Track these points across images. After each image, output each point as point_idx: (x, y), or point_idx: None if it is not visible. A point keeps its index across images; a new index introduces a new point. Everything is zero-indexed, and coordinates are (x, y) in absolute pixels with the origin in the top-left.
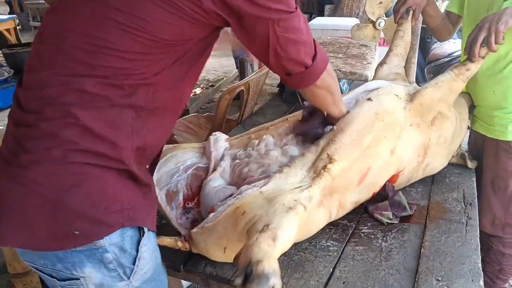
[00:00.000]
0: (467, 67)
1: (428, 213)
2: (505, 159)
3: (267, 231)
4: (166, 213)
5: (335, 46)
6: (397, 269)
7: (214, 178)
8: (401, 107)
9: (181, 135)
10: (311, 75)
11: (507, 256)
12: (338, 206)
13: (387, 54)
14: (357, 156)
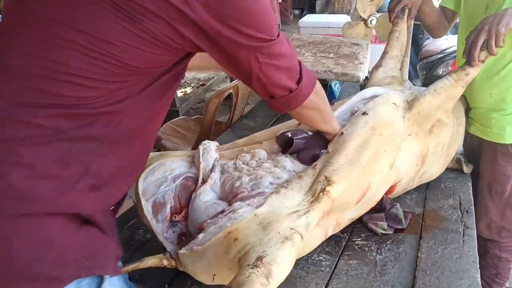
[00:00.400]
0: (466, 72)
1: (424, 222)
2: (503, 163)
3: (261, 266)
4: (152, 226)
5: (326, 45)
6: (392, 285)
7: (204, 191)
8: (399, 116)
9: (169, 139)
10: (296, 99)
11: (504, 260)
12: (335, 226)
13: (382, 56)
14: (356, 174)
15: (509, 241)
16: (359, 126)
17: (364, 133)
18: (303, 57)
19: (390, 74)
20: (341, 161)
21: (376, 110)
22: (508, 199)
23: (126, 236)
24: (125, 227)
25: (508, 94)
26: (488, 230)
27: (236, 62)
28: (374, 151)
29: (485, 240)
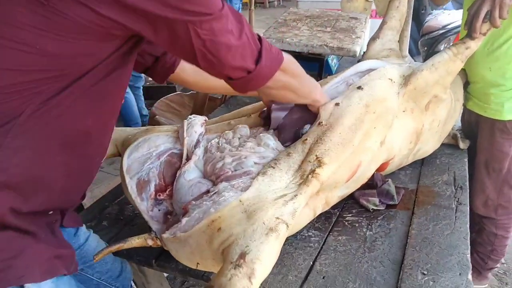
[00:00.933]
0: (467, 45)
1: (417, 198)
2: (501, 140)
3: (243, 266)
4: (136, 204)
5: (324, 19)
6: (381, 261)
7: (189, 169)
8: (394, 92)
9: (163, 115)
10: (256, 80)
11: (500, 237)
12: (324, 205)
13: (381, 27)
14: (347, 155)
15: (505, 218)
16: (354, 101)
17: (358, 110)
18: (299, 31)
19: (388, 46)
20: (334, 139)
21: (371, 86)
22: (506, 177)
23: (115, 211)
24: (114, 202)
25: (507, 69)
26: (485, 207)
27: (176, 40)
28: (366, 129)
29: (481, 217)
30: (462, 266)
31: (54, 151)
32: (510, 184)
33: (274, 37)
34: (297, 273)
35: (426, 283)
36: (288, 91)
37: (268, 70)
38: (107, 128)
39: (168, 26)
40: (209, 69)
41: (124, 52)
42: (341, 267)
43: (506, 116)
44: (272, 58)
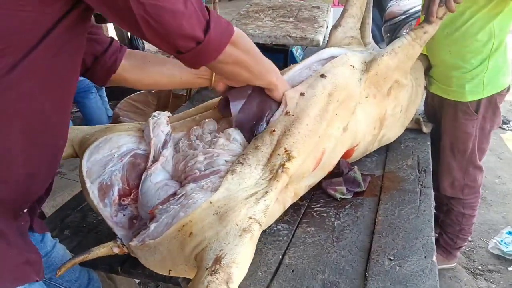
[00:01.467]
0: (424, 30)
1: (383, 184)
2: (464, 121)
3: (220, 271)
4: (99, 210)
5: (286, 9)
6: (349, 249)
7: (155, 172)
8: (356, 79)
9: (127, 116)
10: (207, 52)
11: (467, 216)
12: (293, 197)
13: (342, 15)
14: (312, 146)
15: (471, 197)
16: (318, 91)
17: (322, 100)
18: (261, 22)
19: (349, 34)
20: (302, 131)
21: (334, 73)
22: (470, 157)
23: (77, 219)
24: (76, 210)
25: (466, 52)
26: (452, 188)
27: (115, 5)
28: (329, 118)
29: (449, 198)
30: (427, 249)
31: (13, 139)
32: (475, 164)
33: None
34: (267, 268)
35: (393, 268)
36: (241, 68)
37: (218, 42)
38: (66, 109)
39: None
40: (156, 39)
41: (72, 22)
42: (310, 259)
43: (468, 97)
44: (222, 29)
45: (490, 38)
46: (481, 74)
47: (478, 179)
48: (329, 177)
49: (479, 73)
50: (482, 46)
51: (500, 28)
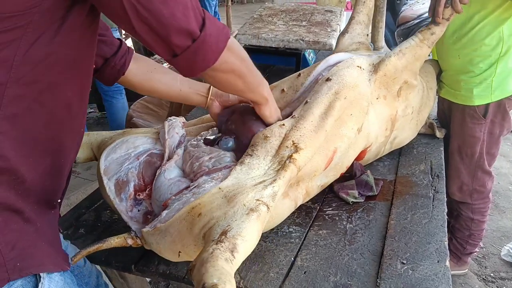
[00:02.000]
0: (432, 31)
1: (395, 189)
2: (471, 125)
3: (225, 241)
4: (115, 205)
5: (299, 13)
6: (361, 253)
7: (169, 168)
8: (365, 79)
9: (141, 117)
10: (204, 51)
11: (476, 222)
12: (305, 195)
13: (349, 22)
14: (322, 141)
15: (480, 202)
16: (323, 92)
17: (327, 99)
18: (274, 26)
19: (357, 40)
20: (307, 126)
21: (339, 75)
22: (478, 161)
23: (92, 218)
24: (90, 209)
25: (475, 56)
26: (460, 192)
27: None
28: (338, 115)
29: (457, 203)
30: (440, 253)
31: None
32: (483, 169)
33: (250, 33)
34: (279, 269)
35: (406, 272)
36: (237, 77)
37: (215, 41)
38: (84, 99)
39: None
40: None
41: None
42: (322, 261)
43: (475, 101)
44: (218, 29)
45: (498, 42)
46: (489, 79)
47: (487, 184)
48: (341, 180)
49: (487, 77)
50: (490, 51)
51: (509, 33)
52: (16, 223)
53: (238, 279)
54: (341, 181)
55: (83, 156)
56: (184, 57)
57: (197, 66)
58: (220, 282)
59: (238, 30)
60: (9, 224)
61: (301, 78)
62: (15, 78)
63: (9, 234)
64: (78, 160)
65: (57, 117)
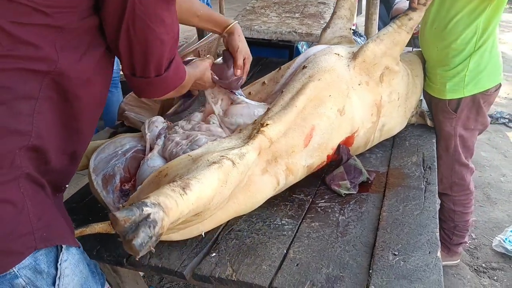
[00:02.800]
0: (409, 17)
1: (387, 180)
2: (442, 119)
3: (178, 180)
4: (102, 198)
5: (292, 5)
6: (353, 244)
7: (152, 157)
8: (343, 65)
9: (133, 110)
10: (156, 87)
11: (459, 213)
12: (287, 171)
13: (331, 17)
14: (293, 118)
15: (461, 194)
16: (297, 79)
17: (300, 83)
18: (267, 18)
19: (338, 34)
20: (276, 110)
21: (315, 61)
22: (453, 155)
23: (83, 212)
24: (81, 203)
25: (451, 49)
26: (441, 184)
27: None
28: (312, 95)
29: (440, 194)
30: (431, 244)
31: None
32: (460, 162)
33: (242, 25)
34: (271, 262)
35: (397, 263)
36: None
37: (168, 83)
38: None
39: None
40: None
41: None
42: (315, 253)
43: (447, 95)
44: (176, 75)
45: (473, 36)
46: (462, 73)
47: (466, 177)
48: (329, 167)
49: (459, 71)
50: (465, 44)
51: (485, 27)
52: (41, 195)
53: (231, 272)
54: (331, 171)
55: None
56: (139, 81)
57: (145, 94)
58: (154, 195)
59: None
60: (36, 196)
61: (281, 71)
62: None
63: (37, 205)
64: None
65: (87, 110)
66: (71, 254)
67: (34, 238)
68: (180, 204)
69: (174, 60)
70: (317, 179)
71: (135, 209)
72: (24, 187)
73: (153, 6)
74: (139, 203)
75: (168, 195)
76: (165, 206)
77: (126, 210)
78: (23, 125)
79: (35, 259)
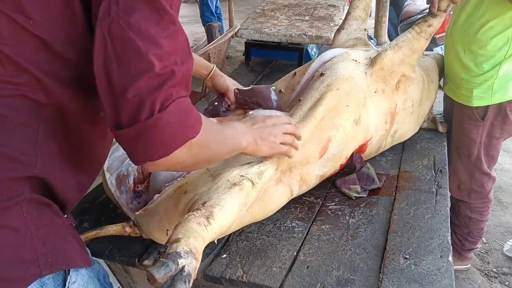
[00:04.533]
0: (429, 23)
1: (398, 184)
2: (468, 126)
3: (202, 209)
4: (116, 198)
5: (302, 8)
6: (364, 247)
7: None
8: (361, 72)
9: None
10: (153, 139)
11: (475, 220)
12: (300, 182)
13: (345, 18)
14: (312, 129)
15: (478, 202)
16: (315, 87)
17: (319, 93)
18: (277, 20)
19: (353, 36)
20: (295, 120)
21: (333, 69)
22: (476, 162)
23: (96, 212)
24: (94, 203)
25: (479, 55)
26: (459, 190)
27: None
28: (331, 105)
29: (456, 200)
30: (443, 248)
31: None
32: (481, 170)
33: (253, 28)
34: (281, 264)
35: (408, 267)
36: (197, 166)
37: (172, 130)
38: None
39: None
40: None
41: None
42: (325, 256)
43: (474, 102)
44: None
45: (505, 44)
46: (490, 80)
47: (486, 185)
48: (342, 174)
49: (488, 78)
50: (495, 51)
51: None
52: (47, 217)
53: (241, 273)
54: (342, 176)
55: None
56: (129, 133)
57: (142, 154)
58: (184, 237)
59: (241, 24)
60: (40, 219)
61: (297, 77)
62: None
63: (41, 229)
64: None
65: (93, 145)
66: (80, 275)
67: (39, 265)
68: (205, 239)
69: (177, 100)
70: (327, 181)
71: (170, 263)
72: (28, 212)
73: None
74: (174, 255)
75: (196, 233)
76: (196, 252)
77: (163, 267)
78: (26, 154)
79: (42, 283)
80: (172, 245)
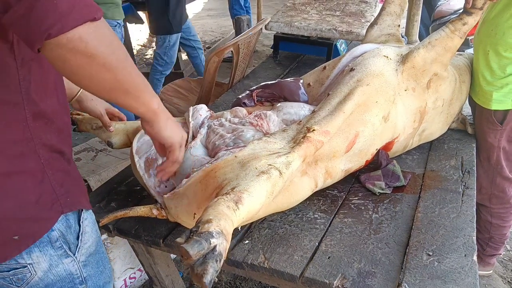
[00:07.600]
0: (464, 21)
1: (423, 182)
2: (486, 129)
3: (231, 193)
4: (144, 180)
5: (333, 2)
6: (386, 242)
7: (195, 146)
8: (392, 69)
9: (170, 100)
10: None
11: (495, 226)
12: (325, 175)
13: (379, 13)
14: (340, 123)
15: (499, 207)
16: (345, 82)
17: (348, 88)
18: (307, 15)
19: (386, 32)
20: (323, 114)
21: (363, 64)
22: (496, 167)
23: (123, 193)
24: (122, 184)
25: (503, 57)
26: (480, 194)
27: None
28: (360, 100)
29: (478, 205)
30: (467, 247)
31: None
32: (502, 175)
33: (283, 21)
34: (303, 253)
35: (431, 263)
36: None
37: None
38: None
39: None
40: None
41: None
42: (347, 248)
43: (493, 105)
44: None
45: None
46: (511, 84)
47: (507, 190)
48: (367, 169)
49: (509, 82)
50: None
51: None
52: (61, 163)
53: (263, 259)
54: (367, 171)
55: (120, 142)
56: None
57: (32, 32)
58: (215, 218)
59: (271, 17)
60: (56, 164)
61: (327, 71)
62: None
63: (57, 173)
64: (114, 146)
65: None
66: (89, 214)
67: (60, 204)
68: (234, 222)
69: None
70: (352, 176)
71: (203, 241)
72: (44, 157)
73: None
74: (207, 234)
75: (226, 216)
76: (226, 233)
77: (196, 244)
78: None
79: (67, 220)
80: (204, 225)
